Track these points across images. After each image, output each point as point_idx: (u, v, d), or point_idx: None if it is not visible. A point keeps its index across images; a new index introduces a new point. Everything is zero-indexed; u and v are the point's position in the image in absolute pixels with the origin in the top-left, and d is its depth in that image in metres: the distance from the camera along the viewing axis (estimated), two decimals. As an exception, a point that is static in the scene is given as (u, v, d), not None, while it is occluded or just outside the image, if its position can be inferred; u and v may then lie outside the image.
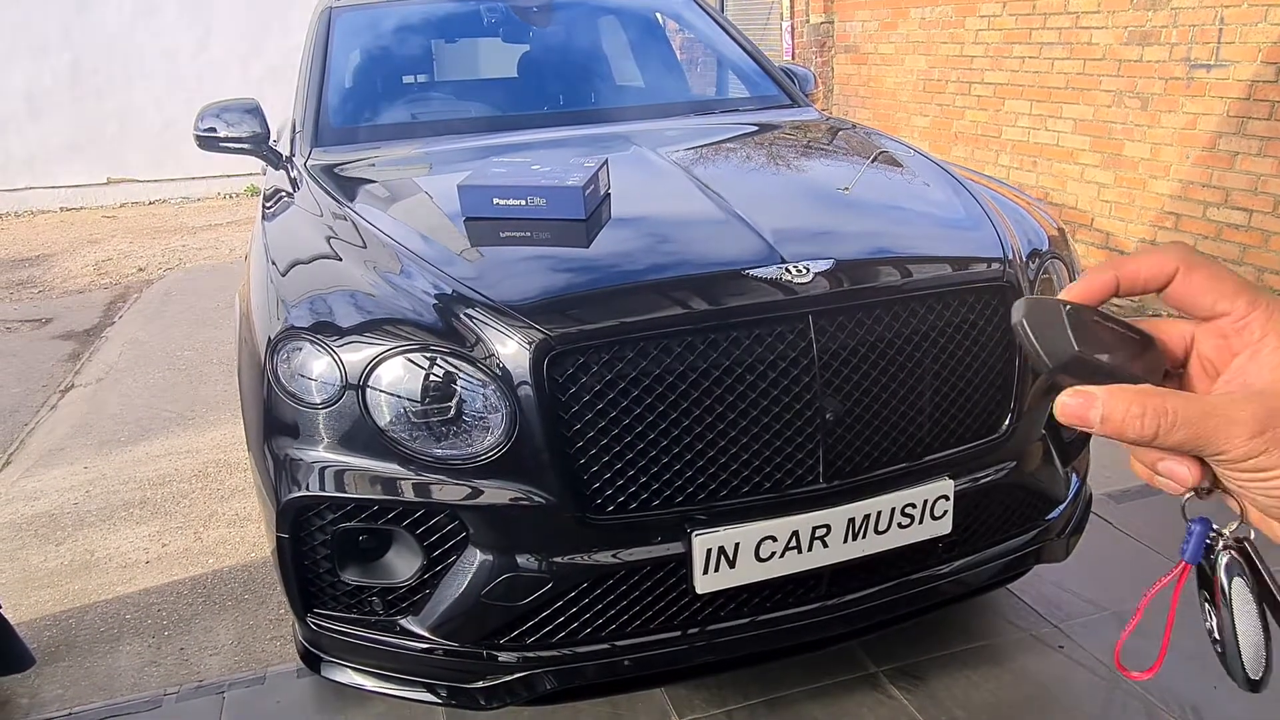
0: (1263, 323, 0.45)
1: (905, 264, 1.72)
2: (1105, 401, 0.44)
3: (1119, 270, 0.48)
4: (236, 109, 2.78)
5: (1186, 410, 0.43)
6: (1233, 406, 0.43)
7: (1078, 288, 0.49)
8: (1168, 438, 0.43)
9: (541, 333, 1.51)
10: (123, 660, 2.32)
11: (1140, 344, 0.47)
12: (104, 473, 3.40)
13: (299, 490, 1.59)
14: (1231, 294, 0.46)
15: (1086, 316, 0.47)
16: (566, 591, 1.59)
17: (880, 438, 1.65)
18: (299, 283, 1.79)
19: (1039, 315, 0.46)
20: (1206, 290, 0.46)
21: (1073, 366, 0.45)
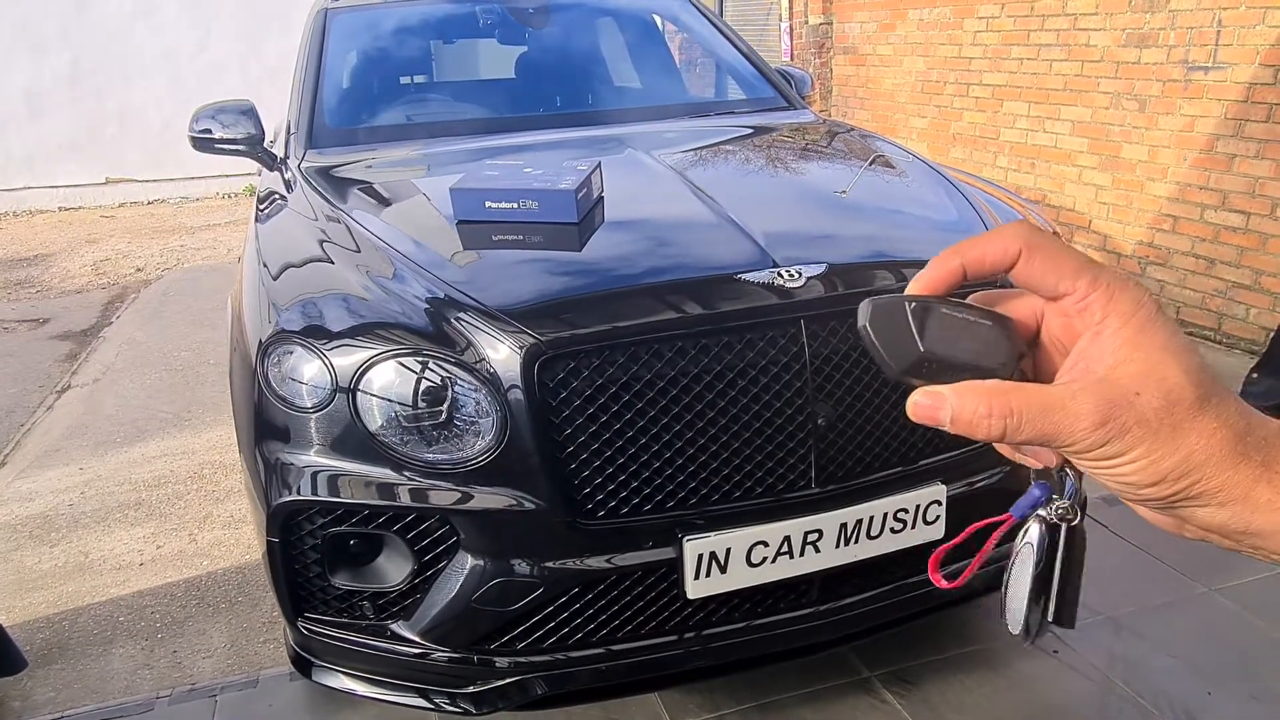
0: (1103, 304, 0.43)
1: (898, 268, 1.72)
2: (953, 402, 0.43)
3: (964, 256, 0.46)
4: (232, 110, 2.78)
5: (1030, 407, 0.42)
6: (1074, 399, 0.42)
7: (924, 278, 0.47)
8: (1016, 435, 0.43)
9: (532, 337, 1.50)
10: (115, 663, 2.31)
11: (993, 330, 0.45)
12: (99, 474, 3.40)
13: (289, 494, 1.58)
14: (1072, 274, 0.44)
15: (934, 310, 0.45)
16: (558, 596, 1.59)
17: (873, 443, 1.65)
18: (291, 286, 1.79)
19: (883, 316, 0.45)
20: (1047, 272, 0.44)
21: (921, 367, 0.44)
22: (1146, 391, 0.41)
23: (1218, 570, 2.41)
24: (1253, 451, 0.41)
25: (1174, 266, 4.34)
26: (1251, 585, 2.36)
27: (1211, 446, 0.41)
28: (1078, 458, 0.43)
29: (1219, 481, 0.41)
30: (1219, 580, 2.37)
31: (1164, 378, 0.41)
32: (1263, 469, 0.41)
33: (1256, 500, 0.41)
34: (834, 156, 2.39)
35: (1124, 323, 0.43)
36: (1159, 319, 0.43)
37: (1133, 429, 0.41)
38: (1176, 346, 0.42)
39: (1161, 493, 0.42)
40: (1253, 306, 3.97)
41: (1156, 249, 4.43)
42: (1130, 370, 0.42)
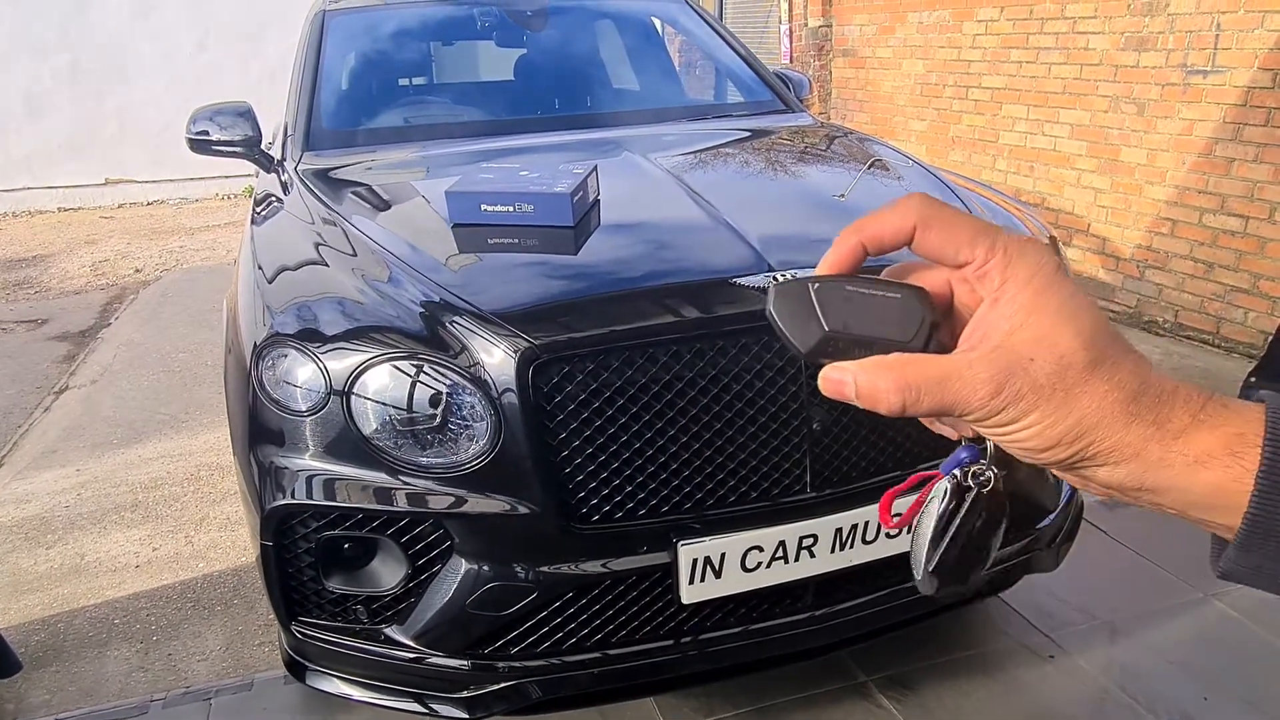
0: (1001, 270, 0.44)
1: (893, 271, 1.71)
2: (856, 376, 0.44)
3: (862, 234, 0.47)
4: (229, 112, 2.77)
5: (928, 379, 0.43)
6: (970, 368, 0.42)
7: (828, 259, 0.47)
8: (917, 408, 0.43)
9: (526, 341, 1.50)
10: (110, 666, 2.31)
11: (901, 302, 0.45)
12: (96, 475, 3.39)
13: (283, 498, 1.58)
14: (969, 242, 0.44)
15: (838, 289, 0.45)
16: (552, 601, 1.58)
17: (868, 447, 1.64)
18: (286, 289, 1.78)
19: (788, 300, 0.45)
20: (945, 242, 0.45)
21: (827, 347, 0.45)
22: (1040, 357, 0.42)
23: (1215, 575, 2.40)
24: (1145, 411, 0.41)
25: (1172, 270, 4.34)
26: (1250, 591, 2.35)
27: (1103, 409, 0.41)
28: (977, 425, 0.44)
29: (1112, 442, 0.41)
30: (1217, 585, 2.37)
31: (1056, 342, 0.42)
32: (1154, 428, 0.41)
33: (1148, 458, 0.41)
34: (830, 160, 2.39)
35: (1021, 288, 0.43)
36: (1057, 282, 0.43)
37: (1026, 395, 0.41)
38: (1072, 309, 0.42)
39: (1058, 455, 0.43)
40: (1251, 310, 3.97)
41: (1155, 252, 4.43)
42: (1025, 336, 0.42)
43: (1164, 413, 0.41)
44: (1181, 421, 0.41)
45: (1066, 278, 0.44)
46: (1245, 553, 0.41)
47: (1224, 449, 0.40)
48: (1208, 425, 0.41)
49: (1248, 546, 0.41)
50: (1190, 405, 0.42)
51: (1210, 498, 0.41)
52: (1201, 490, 0.41)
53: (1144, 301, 4.52)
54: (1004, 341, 0.43)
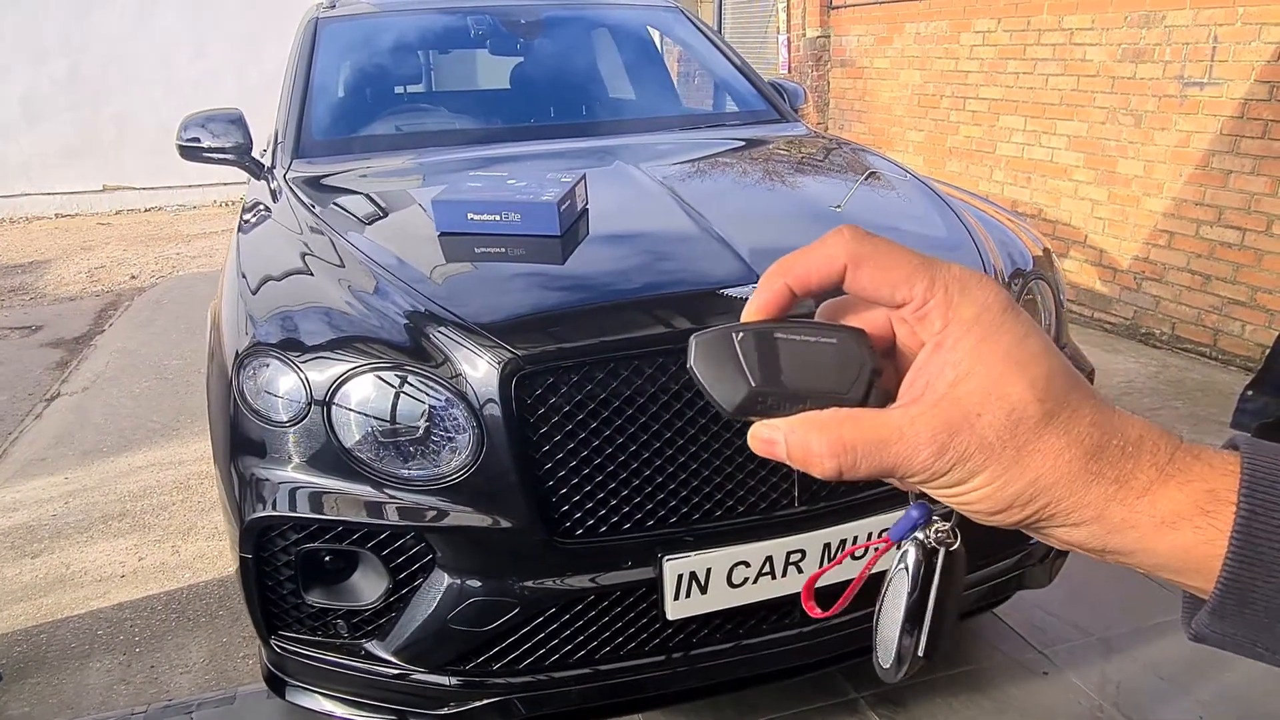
0: (943, 310, 0.39)
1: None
2: (788, 436, 0.40)
3: (788, 275, 0.42)
4: (221, 119, 2.76)
5: (866, 441, 0.38)
6: (911, 426, 0.38)
7: (754, 304, 0.43)
8: (855, 472, 0.39)
9: (510, 352, 1.48)
10: (92, 677, 2.28)
11: (839, 348, 0.40)
12: (85, 484, 3.37)
13: (263, 510, 1.55)
14: (905, 279, 0.39)
15: (765, 338, 0.41)
16: (535, 616, 1.56)
17: (857, 461, 1.62)
18: (269, 298, 1.76)
19: (710, 353, 0.41)
20: (878, 281, 0.40)
21: (756, 404, 0.40)
22: (988, 411, 0.37)
23: (1211, 591, 2.38)
24: (1106, 468, 0.37)
25: (1170, 282, 4.33)
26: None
27: (1059, 468, 0.37)
28: (922, 487, 0.40)
29: (1070, 503, 0.38)
30: (1212, 601, 2.34)
31: (1006, 394, 0.38)
32: (1117, 486, 0.37)
33: (1111, 520, 0.37)
34: (823, 171, 2.37)
35: (965, 331, 0.39)
36: (1006, 322, 0.39)
37: (974, 454, 0.37)
38: (1024, 354, 0.38)
39: (1011, 518, 0.39)
40: (1248, 323, 3.95)
41: (1152, 264, 4.41)
42: (971, 387, 0.38)
43: (1127, 468, 0.37)
44: (1147, 477, 0.37)
45: (1018, 316, 0.39)
46: (1219, 619, 0.37)
47: (1194, 507, 0.37)
48: (1176, 480, 0.37)
49: (1222, 613, 0.37)
50: (1156, 458, 0.38)
51: (1180, 561, 0.37)
52: (1170, 553, 0.37)
53: (1141, 313, 4.50)
54: (948, 393, 0.38)
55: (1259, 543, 0.35)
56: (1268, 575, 0.35)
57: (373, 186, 2.30)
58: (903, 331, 0.42)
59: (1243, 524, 0.36)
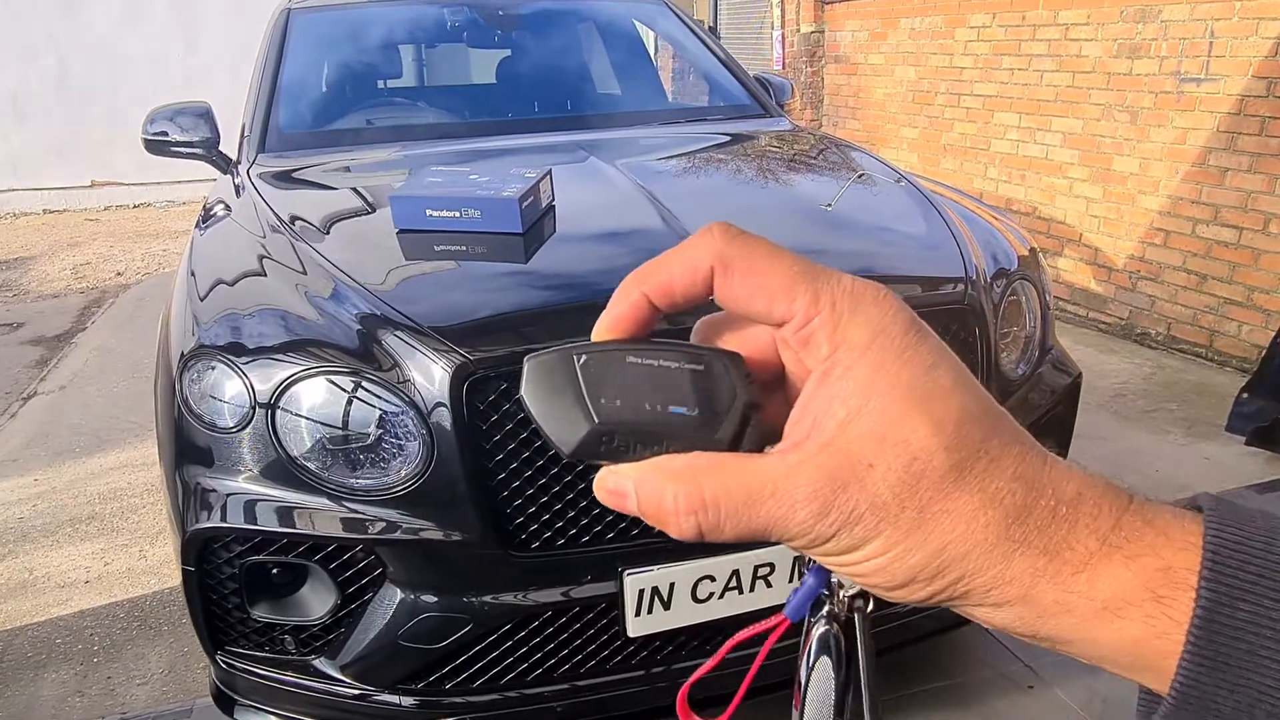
0: (830, 331, 0.31)
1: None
2: (639, 488, 0.32)
3: (646, 284, 0.34)
4: (190, 112, 2.69)
5: (731, 496, 0.30)
6: (788, 480, 0.30)
7: (604, 320, 0.35)
8: (719, 533, 0.31)
9: (461, 356, 1.40)
10: (46, 689, 2.20)
11: (706, 377, 0.32)
12: (54, 485, 3.29)
13: (206, 520, 1.48)
14: (785, 292, 0.31)
15: (615, 361, 0.33)
16: (490, 633, 1.48)
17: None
18: (217, 300, 1.69)
19: (548, 378, 0.33)
20: (753, 293, 0.32)
21: (599, 445, 0.32)
22: (883, 461, 0.30)
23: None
24: (1033, 535, 0.29)
25: (1165, 282, 4.25)
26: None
27: (973, 534, 0.29)
28: (805, 551, 0.32)
29: (988, 578, 0.30)
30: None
31: (906, 439, 0.29)
32: (1047, 558, 0.29)
33: (1040, 601, 0.30)
34: (803, 167, 2.29)
35: (856, 358, 0.31)
36: (909, 350, 0.31)
37: (864, 516, 0.30)
38: (929, 390, 0.30)
39: (915, 594, 0.31)
40: (1245, 323, 3.87)
41: (1148, 263, 4.34)
42: (863, 429, 0.30)
43: (1060, 536, 0.29)
44: (1085, 548, 0.29)
45: (924, 340, 0.31)
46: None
47: (1144, 590, 0.29)
48: (1122, 554, 0.29)
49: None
50: (1097, 523, 0.30)
51: (1129, 656, 0.30)
52: (1116, 645, 0.29)
53: (1136, 313, 4.42)
54: (835, 437, 0.30)
55: (1222, 642, 0.28)
56: (1233, 684, 0.28)
57: (337, 182, 2.23)
58: (789, 357, 0.33)
59: (1203, 617, 0.28)
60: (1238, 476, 2.96)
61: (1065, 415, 1.96)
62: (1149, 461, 3.10)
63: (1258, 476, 2.96)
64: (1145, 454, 3.16)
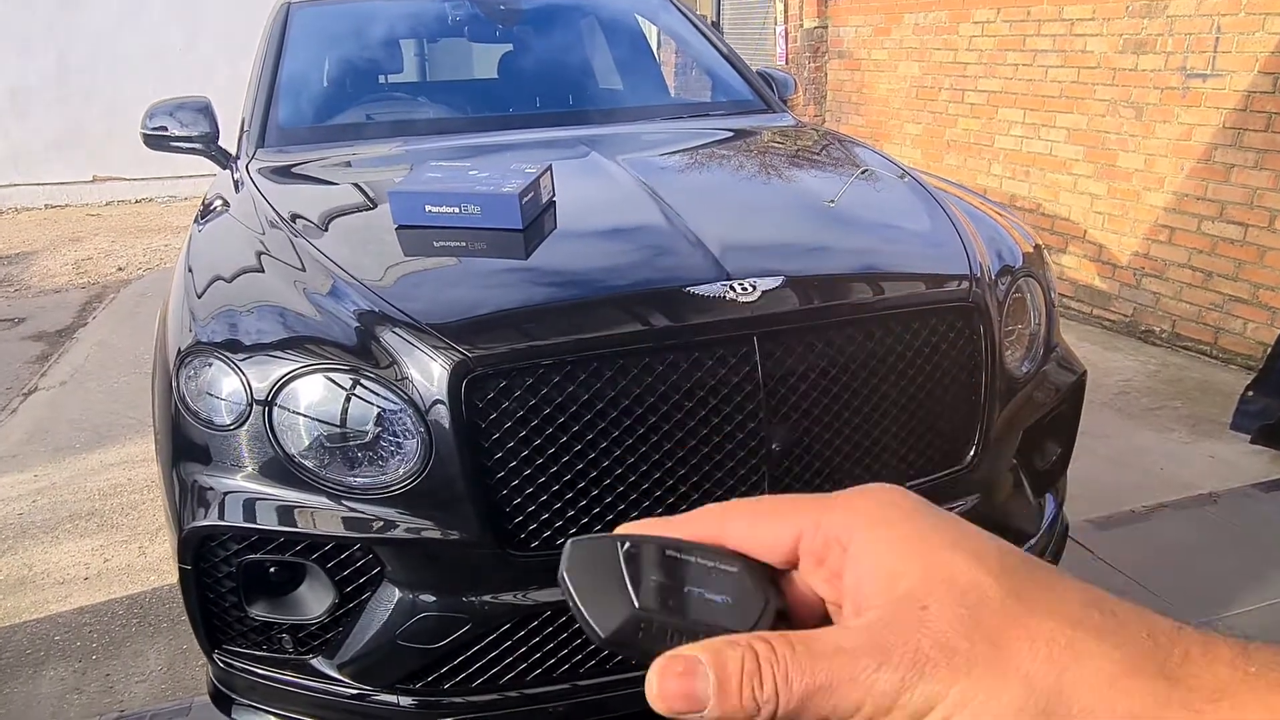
0: (844, 527, 0.32)
1: (862, 282, 1.60)
2: (712, 660, 0.30)
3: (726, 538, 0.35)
4: (190, 107, 2.68)
5: (796, 654, 0.29)
6: (844, 636, 0.29)
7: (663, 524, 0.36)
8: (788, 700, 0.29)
9: (459, 353, 1.39)
10: (44, 687, 2.20)
11: (740, 579, 0.34)
12: (54, 481, 3.28)
13: (202, 519, 1.47)
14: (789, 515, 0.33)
15: (658, 555, 0.35)
16: (488, 633, 1.47)
17: (832, 470, 1.53)
18: (215, 296, 1.67)
19: (590, 561, 0.35)
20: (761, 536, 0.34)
21: (635, 631, 0.34)
22: (934, 599, 0.28)
23: (1214, 602, 2.29)
24: (1142, 661, 0.27)
25: (1170, 279, 4.23)
26: (1252, 615, 2.24)
27: (1059, 658, 0.27)
28: None
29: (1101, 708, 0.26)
30: (1215, 610, 2.25)
31: (952, 577, 0.28)
32: (1168, 684, 0.26)
33: None
34: (807, 164, 2.27)
35: (872, 531, 0.31)
36: (920, 510, 0.32)
37: (933, 657, 0.27)
38: (957, 534, 0.30)
39: None
40: (1250, 321, 3.85)
41: (1153, 260, 4.31)
42: (908, 582, 0.29)
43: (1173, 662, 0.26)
44: (1215, 676, 0.26)
45: (937, 508, 0.32)
46: None
47: None
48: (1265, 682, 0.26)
49: None
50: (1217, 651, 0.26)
51: None
52: None
53: (1140, 310, 4.40)
54: (884, 598, 0.30)
55: None
56: None
57: (336, 177, 2.21)
58: (818, 584, 0.34)
59: None
60: (1243, 475, 2.94)
61: (1070, 413, 1.94)
62: (1154, 460, 3.08)
63: (1263, 475, 2.94)
64: (1150, 452, 3.14)
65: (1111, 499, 2.74)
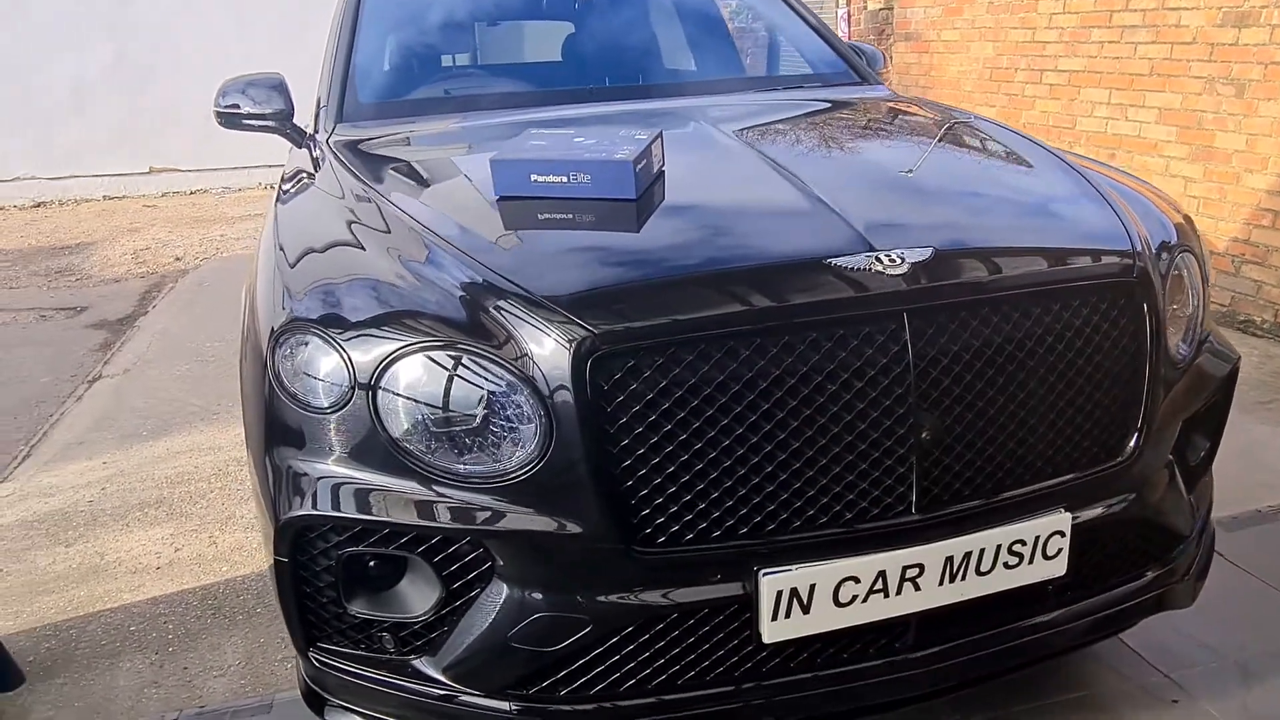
0: None
1: (1018, 256, 1.45)
2: None
3: None
4: (262, 84, 2.59)
5: None
6: None
7: None
8: None
9: (585, 329, 1.26)
10: (122, 679, 2.13)
11: None
12: (122, 469, 3.24)
13: (300, 508, 1.37)
14: None
15: None
16: (608, 636, 1.35)
17: (984, 461, 1.38)
18: (309, 271, 1.57)
19: None
20: None
21: None
22: None
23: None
24: None
25: (1272, 265, 3.98)
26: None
27: None
28: None
29: None
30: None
31: None
32: None
33: None
34: (927, 134, 2.11)
35: None
36: None
37: None
38: None
39: None
40: (1367, 310, 3.60)
41: (1253, 246, 4.07)
42: None
43: None
44: None
45: None
46: None
47: None
48: None
49: None
50: None
51: None
52: None
53: (1239, 299, 4.16)
54: None
55: None
56: None
57: (424, 151, 2.10)
58: None
59: None
60: (1375, 474, 2.72)
61: (1224, 404, 1.78)
62: (1275, 456, 2.88)
63: (1398, 474, 2.72)
64: (1268, 448, 2.93)
65: (1233, 498, 2.54)
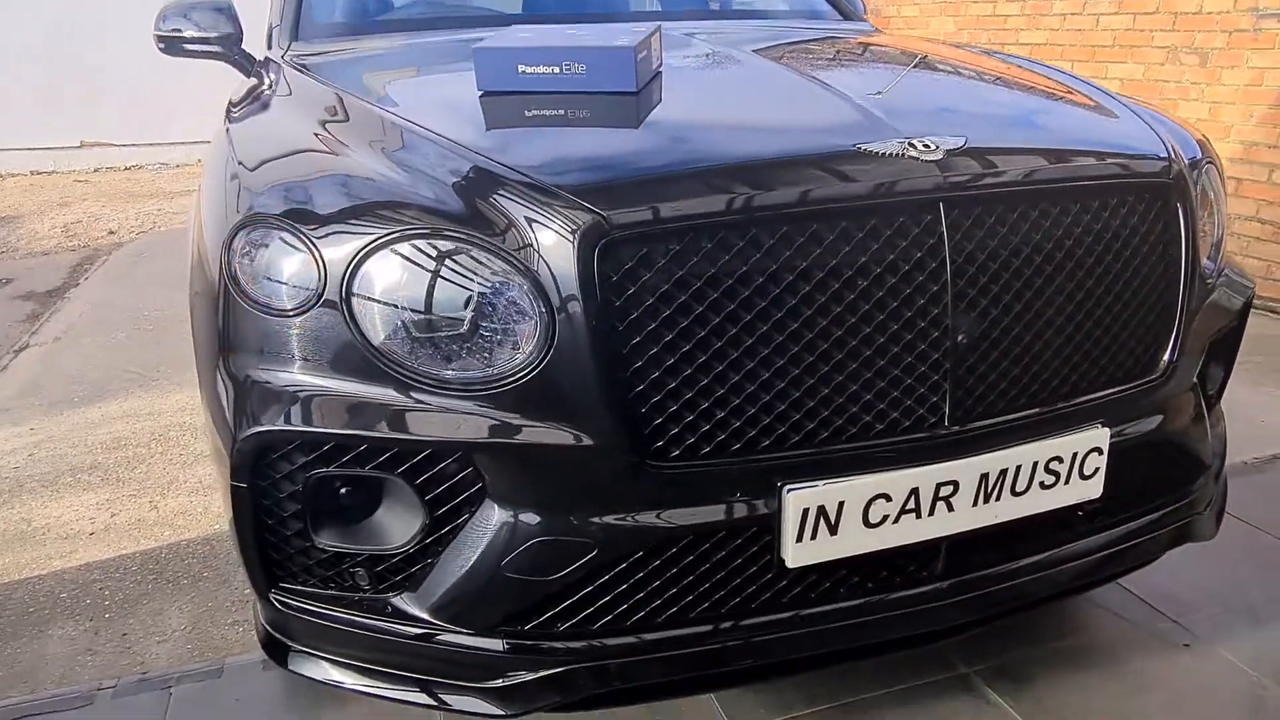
0: None
1: (1053, 152, 1.34)
2: None
3: None
4: (205, 7, 2.37)
5: None
6: None
7: None
8: None
9: (593, 214, 1.12)
10: (52, 646, 1.92)
11: None
12: (51, 435, 2.99)
13: (262, 424, 1.20)
14: None
15: None
16: (615, 563, 1.20)
17: (1021, 370, 1.28)
18: (272, 172, 1.40)
19: None
20: None
21: None
22: None
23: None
24: None
25: (1236, 234, 4.01)
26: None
27: None
28: None
29: None
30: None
31: None
32: None
33: None
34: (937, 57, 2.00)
35: None
36: None
37: None
38: None
39: None
40: (1330, 274, 3.64)
41: (1218, 215, 4.09)
42: None
43: None
44: None
45: None
46: None
47: None
48: None
49: None
50: None
51: None
52: None
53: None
54: None
55: None
56: None
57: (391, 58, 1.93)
58: None
59: None
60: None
61: (1238, 333, 1.71)
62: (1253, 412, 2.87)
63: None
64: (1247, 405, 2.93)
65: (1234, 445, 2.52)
